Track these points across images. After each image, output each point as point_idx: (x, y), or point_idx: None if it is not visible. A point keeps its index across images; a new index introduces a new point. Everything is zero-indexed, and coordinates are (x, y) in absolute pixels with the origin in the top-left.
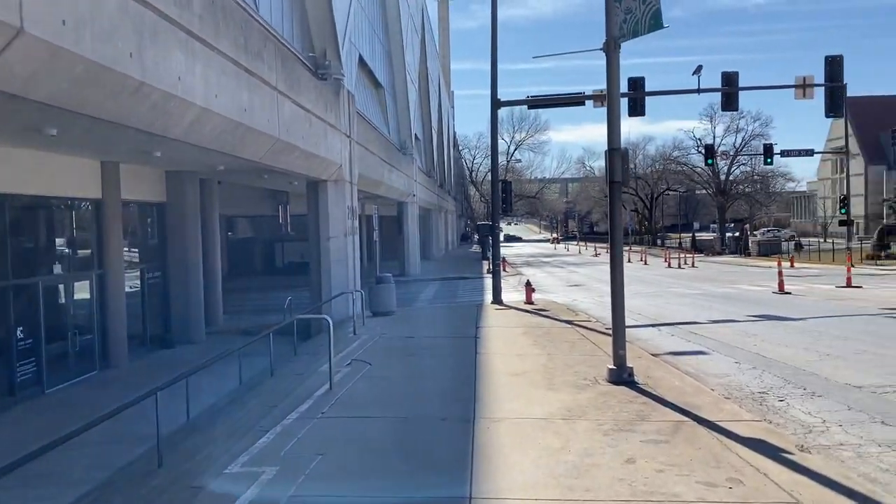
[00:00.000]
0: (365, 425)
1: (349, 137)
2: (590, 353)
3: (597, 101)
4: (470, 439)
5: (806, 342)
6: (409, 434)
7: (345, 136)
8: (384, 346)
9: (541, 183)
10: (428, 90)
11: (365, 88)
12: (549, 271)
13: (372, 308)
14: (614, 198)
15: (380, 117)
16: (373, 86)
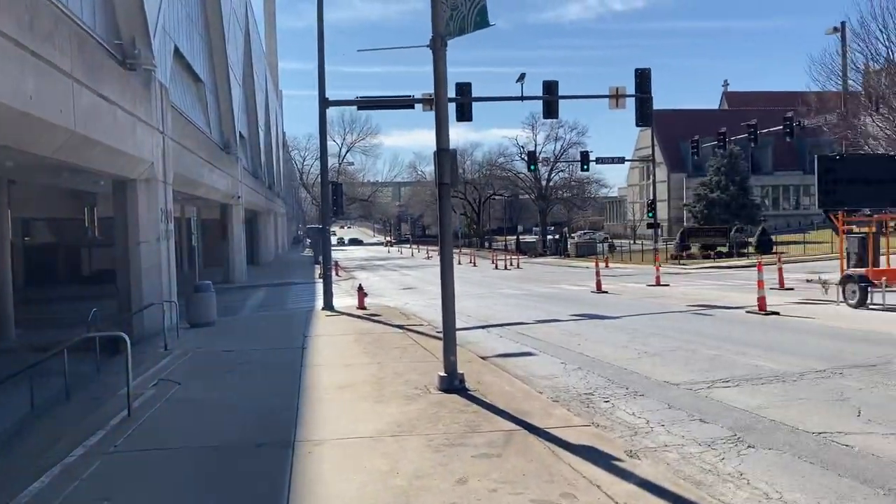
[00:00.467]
0: (166, 459)
1: (162, 133)
2: (421, 359)
3: (426, 105)
4: (288, 468)
5: (625, 340)
6: (218, 467)
7: (157, 132)
8: (199, 362)
9: (373, 186)
10: (254, 88)
11: (183, 83)
12: (382, 275)
13: (189, 319)
14: (444, 200)
15: (200, 114)
16: (192, 80)
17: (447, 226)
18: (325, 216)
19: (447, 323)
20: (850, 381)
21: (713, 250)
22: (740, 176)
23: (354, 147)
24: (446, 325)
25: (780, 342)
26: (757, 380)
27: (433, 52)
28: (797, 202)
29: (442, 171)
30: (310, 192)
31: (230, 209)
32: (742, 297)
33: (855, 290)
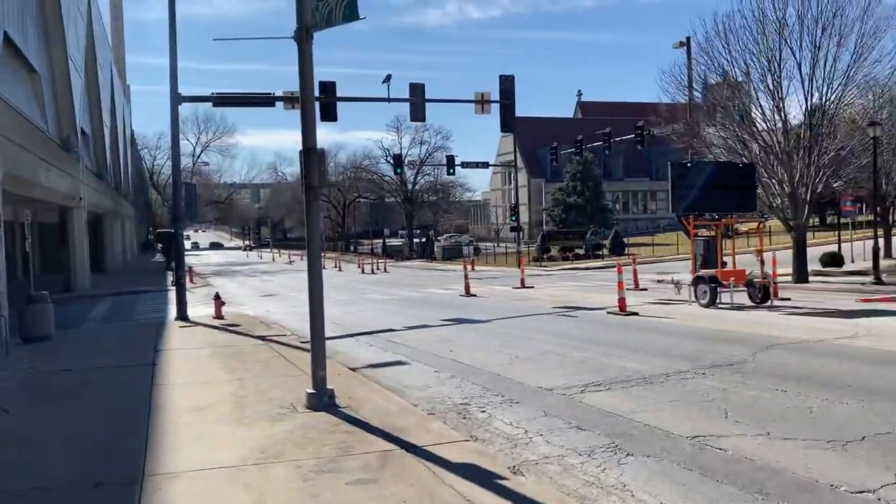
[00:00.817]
0: None
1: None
2: (286, 373)
3: (288, 103)
4: None
5: (497, 345)
6: None
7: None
8: (31, 385)
9: (231, 188)
10: (98, 82)
11: (13, 71)
12: (241, 281)
13: (22, 333)
14: (311, 203)
15: (36, 108)
16: (25, 70)
17: (314, 230)
18: (177, 219)
19: (315, 334)
20: (713, 382)
21: (571, 252)
22: (594, 182)
23: (210, 147)
24: (314, 337)
25: (644, 343)
26: (626, 382)
27: (298, 44)
28: (645, 206)
29: (309, 172)
30: (161, 194)
31: (71, 212)
32: (603, 298)
33: (706, 291)
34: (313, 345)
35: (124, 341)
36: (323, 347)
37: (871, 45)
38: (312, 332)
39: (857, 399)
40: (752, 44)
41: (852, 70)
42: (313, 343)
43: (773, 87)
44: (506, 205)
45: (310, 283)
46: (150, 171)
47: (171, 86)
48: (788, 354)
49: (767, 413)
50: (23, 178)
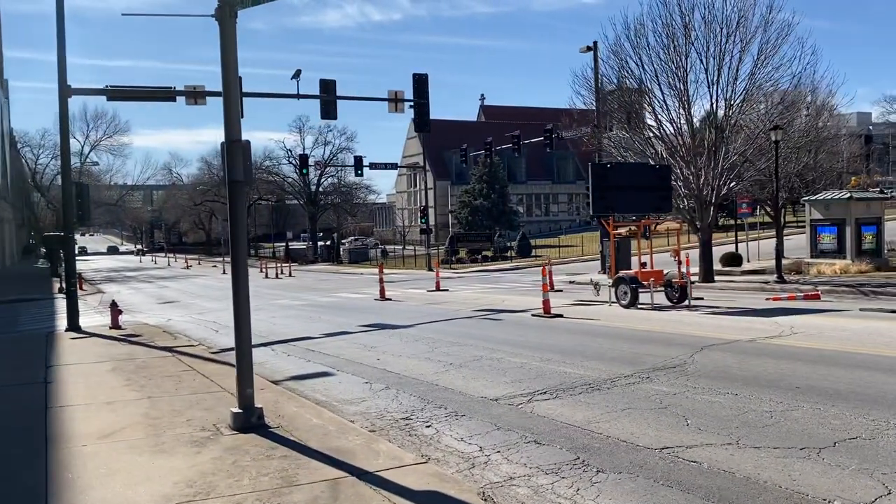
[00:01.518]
0: None
1: None
2: (202, 389)
3: (190, 98)
4: None
5: (425, 351)
6: None
7: None
8: None
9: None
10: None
11: None
12: (136, 287)
13: None
14: (237, 201)
15: None
16: None
17: (240, 231)
18: (67, 222)
19: (242, 346)
20: (661, 386)
21: (479, 254)
22: (500, 184)
23: (100, 146)
24: (241, 349)
25: (577, 346)
26: (572, 389)
27: (220, 23)
28: (547, 209)
29: (233, 166)
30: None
31: None
32: (521, 300)
33: (626, 291)
34: (239, 358)
35: (7, 357)
36: (250, 361)
37: (772, 52)
38: (238, 344)
39: (809, 402)
40: (660, 48)
41: (756, 75)
42: (239, 356)
43: (680, 90)
44: (412, 207)
45: (234, 289)
46: (33, 171)
47: (59, 77)
48: (726, 355)
49: (727, 419)
50: None
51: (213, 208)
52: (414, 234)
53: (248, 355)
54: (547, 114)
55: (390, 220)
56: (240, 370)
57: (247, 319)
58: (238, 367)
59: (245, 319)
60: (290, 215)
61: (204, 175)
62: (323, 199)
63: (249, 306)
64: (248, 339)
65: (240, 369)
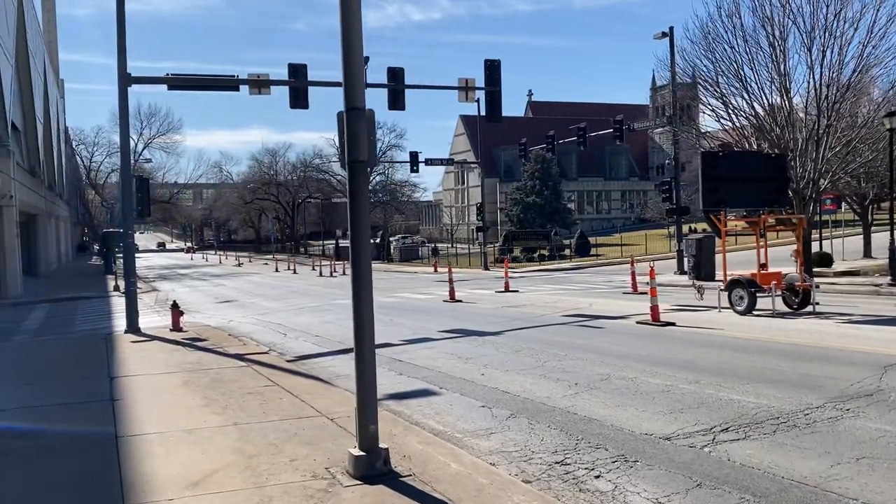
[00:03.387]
0: None
1: None
2: (295, 412)
3: (254, 87)
4: None
5: (534, 365)
6: None
7: None
8: None
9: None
10: (30, 70)
11: None
12: (190, 285)
13: None
14: (359, 186)
15: None
16: None
17: (362, 223)
18: (126, 216)
19: (364, 371)
20: (878, 423)
21: (535, 253)
22: (553, 181)
23: (153, 144)
24: (363, 378)
25: (721, 364)
26: (759, 425)
27: None
28: (600, 206)
29: (355, 141)
30: (99, 193)
31: (0, 211)
32: (610, 304)
33: (743, 296)
34: (361, 385)
35: (68, 362)
36: (373, 389)
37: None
38: (360, 367)
39: None
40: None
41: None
42: (361, 383)
43: (779, 73)
44: (459, 205)
45: (356, 300)
46: (88, 169)
47: (118, 65)
48: None
49: None
50: None
51: (263, 206)
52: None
53: (371, 383)
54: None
55: (436, 218)
56: (361, 400)
57: (370, 336)
58: (359, 397)
59: (368, 336)
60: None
61: (254, 173)
62: (372, 196)
63: (373, 321)
64: (372, 361)
65: (361, 399)
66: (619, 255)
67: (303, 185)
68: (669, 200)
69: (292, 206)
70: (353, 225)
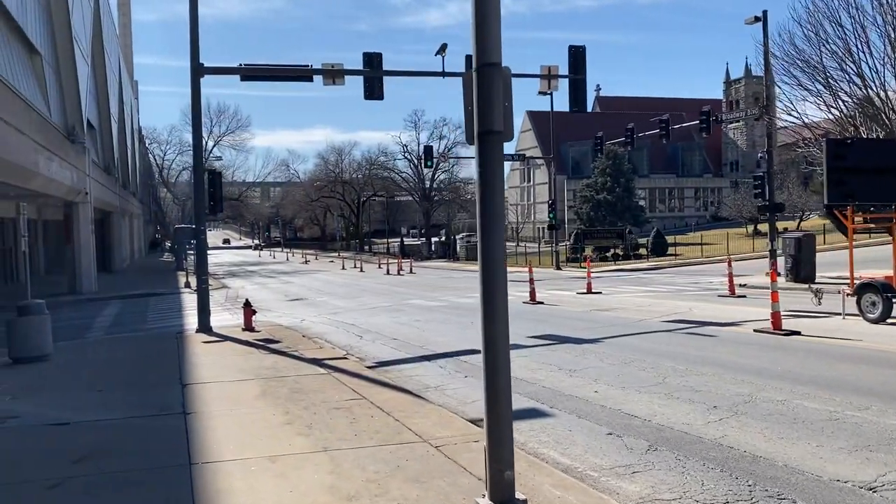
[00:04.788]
0: None
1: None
2: (391, 434)
3: (328, 78)
4: None
5: (654, 381)
6: None
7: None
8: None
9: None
10: (105, 70)
11: (10, 46)
12: (259, 282)
13: (12, 352)
14: (492, 162)
15: (37, 91)
16: (24, 47)
17: (495, 211)
18: (199, 212)
19: (497, 400)
20: None
21: (608, 252)
22: (625, 177)
23: (222, 142)
24: (496, 406)
25: (888, 385)
26: None
27: None
28: (672, 204)
29: (489, 106)
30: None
31: (76, 208)
32: (712, 308)
33: (875, 302)
34: (493, 418)
35: (138, 365)
36: (509, 426)
37: None
38: (491, 397)
39: None
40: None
41: None
42: (493, 416)
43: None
44: (524, 203)
45: (486, 306)
46: (160, 167)
47: (191, 56)
48: None
49: None
50: (18, 166)
51: (329, 204)
52: (527, 231)
53: (506, 416)
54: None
55: None
56: (494, 439)
57: (504, 357)
58: (490, 433)
59: (502, 357)
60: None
61: (320, 171)
62: (437, 194)
63: (507, 333)
64: (507, 388)
65: (494, 437)
66: (699, 255)
67: (368, 182)
68: (762, 196)
69: (357, 203)
70: (484, 213)
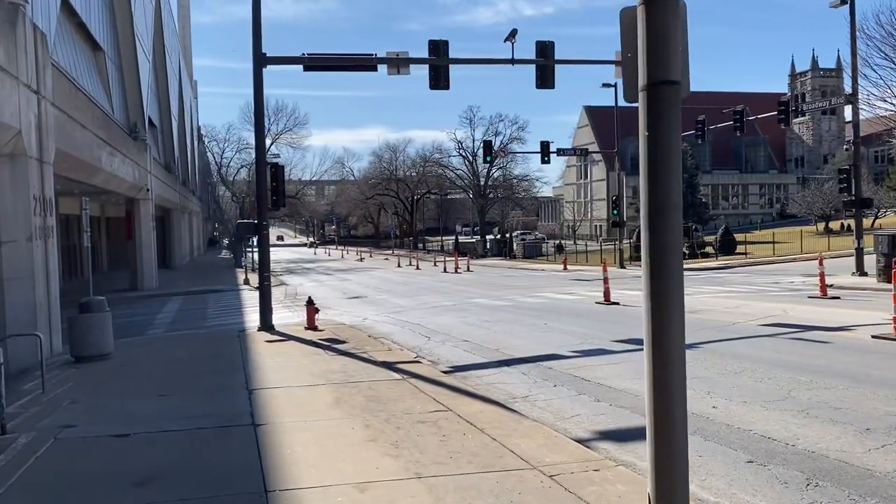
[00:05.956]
0: None
1: (37, 94)
2: (491, 459)
3: (392, 67)
4: None
5: (777, 395)
6: None
7: (29, 91)
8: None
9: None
10: (166, 70)
11: (75, 44)
12: (317, 280)
13: (73, 350)
14: (664, 122)
15: (100, 88)
16: (89, 46)
17: (670, 187)
18: (261, 207)
19: (672, 442)
20: None
21: None
22: (689, 173)
23: (280, 140)
24: (667, 452)
25: None
26: None
27: None
28: (735, 201)
29: (662, 48)
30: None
31: (138, 204)
32: (808, 310)
33: None
34: (663, 462)
35: (202, 367)
36: (685, 474)
37: None
38: (664, 437)
39: None
40: None
41: None
42: (664, 458)
43: None
44: (581, 200)
45: (654, 316)
46: (219, 165)
47: (253, 46)
48: None
49: None
50: (81, 161)
51: (382, 202)
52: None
53: (682, 466)
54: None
55: (556, 213)
56: (664, 491)
57: (680, 385)
58: (658, 482)
59: (677, 386)
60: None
61: (374, 169)
62: (491, 192)
63: (683, 354)
64: (683, 426)
65: (664, 489)
66: (771, 254)
67: (422, 180)
68: (847, 191)
69: (411, 201)
70: (654, 189)
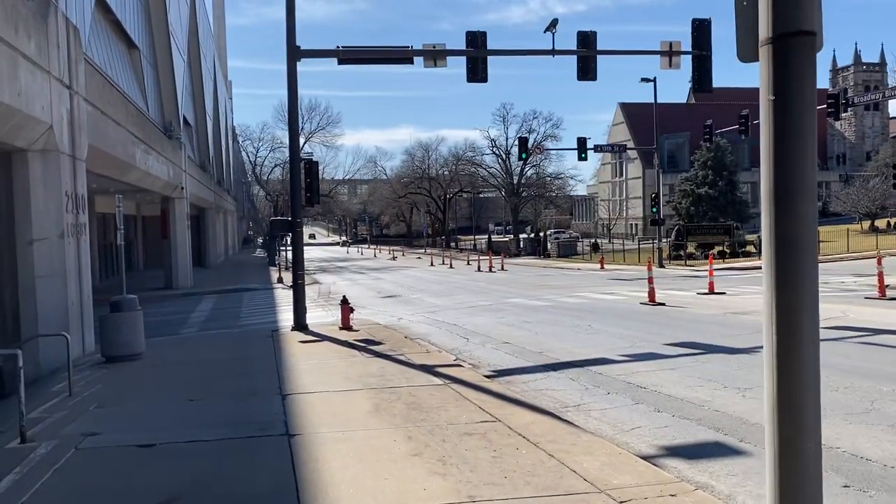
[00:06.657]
0: None
1: (69, 89)
2: (551, 480)
3: (429, 59)
4: None
5: (860, 407)
6: None
7: (61, 85)
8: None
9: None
10: (201, 69)
11: (110, 41)
12: (350, 278)
13: (104, 350)
14: (796, 81)
15: (135, 86)
16: (124, 44)
17: (805, 170)
18: (295, 203)
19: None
20: None
21: (713, 249)
22: (728, 170)
23: (313, 139)
24: None
25: None
26: None
27: None
28: None
29: None
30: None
31: (172, 203)
32: (867, 313)
33: None
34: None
35: (233, 369)
36: None
37: None
38: None
39: None
40: None
41: None
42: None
43: None
44: (616, 198)
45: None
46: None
47: (287, 39)
48: None
49: None
50: (115, 158)
51: (415, 201)
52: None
53: None
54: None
55: (590, 212)
56: None
57: (814, 428)
58: None
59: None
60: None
61: (406, 167)
62: (524, 190)
63: (818, 383)
64: (817, 460)
65: None
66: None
67: (454, 179)
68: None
69: (443, 200)
70: (781, 166)
